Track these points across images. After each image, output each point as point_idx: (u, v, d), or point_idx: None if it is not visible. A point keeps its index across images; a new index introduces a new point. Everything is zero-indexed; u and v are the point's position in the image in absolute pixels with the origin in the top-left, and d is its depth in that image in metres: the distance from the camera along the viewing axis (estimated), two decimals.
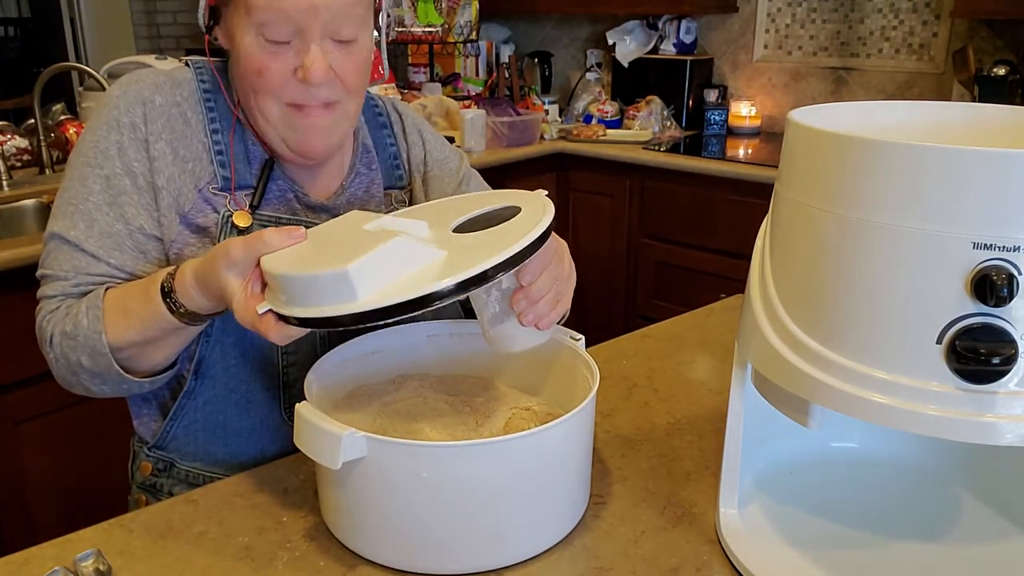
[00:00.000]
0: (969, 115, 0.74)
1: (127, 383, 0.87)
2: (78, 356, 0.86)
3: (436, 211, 0.82)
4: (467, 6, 3.09)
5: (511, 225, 0.75)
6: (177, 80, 0.94)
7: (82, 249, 0.89)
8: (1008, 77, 2.36)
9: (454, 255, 0.71)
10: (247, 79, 0.88)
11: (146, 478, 1.01)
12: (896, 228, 0.57)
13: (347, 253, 0.69)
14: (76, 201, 0.89)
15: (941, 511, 0.81)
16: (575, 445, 0.75)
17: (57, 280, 0.89)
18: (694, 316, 1.32)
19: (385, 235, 0.72)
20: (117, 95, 0.92)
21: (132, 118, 0.90)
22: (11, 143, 2.25)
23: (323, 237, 0.77)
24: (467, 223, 0.78)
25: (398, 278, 0.69)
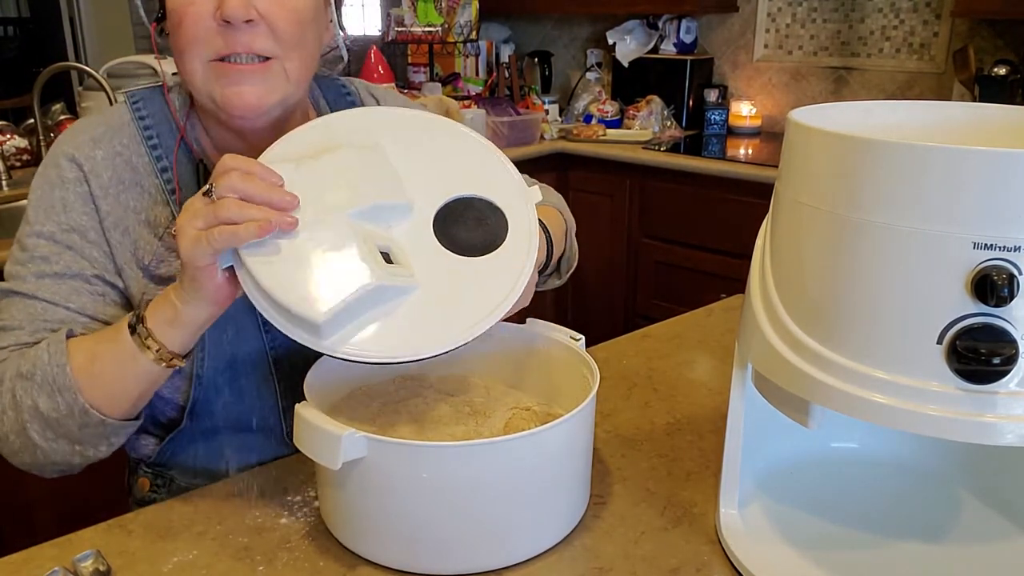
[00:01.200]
0: (969, 115, 0.74)
1: (89, 426, 0.79)
2: (33, 399, 0.78)
3: (425, 158, 0.79)
4: (467, 6, 3.09)
5: (493, 267, 0.75)
6: (115, 126, 0.90)
7: (35, 297, 0.84)
8: (1009, 77, 2.36)
9: (426, 306, 0.72)
10: (175, 43, 0.82)
11: (145, 494, 1.00)
12: (896, 228, 0.57)
13: (324, 277, 0.70)
14: (25, 259, 0.85)
15: (941, 511, 0.81)
16: (575, 445, 0.75)
17: (10, 331, 0.83)
18: (694, 316, 1.32)
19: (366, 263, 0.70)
20: (58, 152, 0.88)
21: (75, 173, 0.87)
22: (11, 143, 2.25)
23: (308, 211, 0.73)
24: (451, 209, 0.77)
25: (365, 327, 0.71)
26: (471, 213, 0.77)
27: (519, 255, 0.76)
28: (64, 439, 0.80)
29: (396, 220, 0.75)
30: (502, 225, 0.77)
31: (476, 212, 0.77)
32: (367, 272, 0.70)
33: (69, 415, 0.78)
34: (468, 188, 0.78)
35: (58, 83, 2.91)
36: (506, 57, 3.45)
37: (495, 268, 0.75)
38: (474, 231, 0.76)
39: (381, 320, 0.71)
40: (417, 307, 0.72)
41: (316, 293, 0.69)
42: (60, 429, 0.79)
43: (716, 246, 2.57)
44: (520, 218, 0.78)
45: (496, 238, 0.76)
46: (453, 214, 0.76)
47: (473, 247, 0.75)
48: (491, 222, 0.77)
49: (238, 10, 0.78)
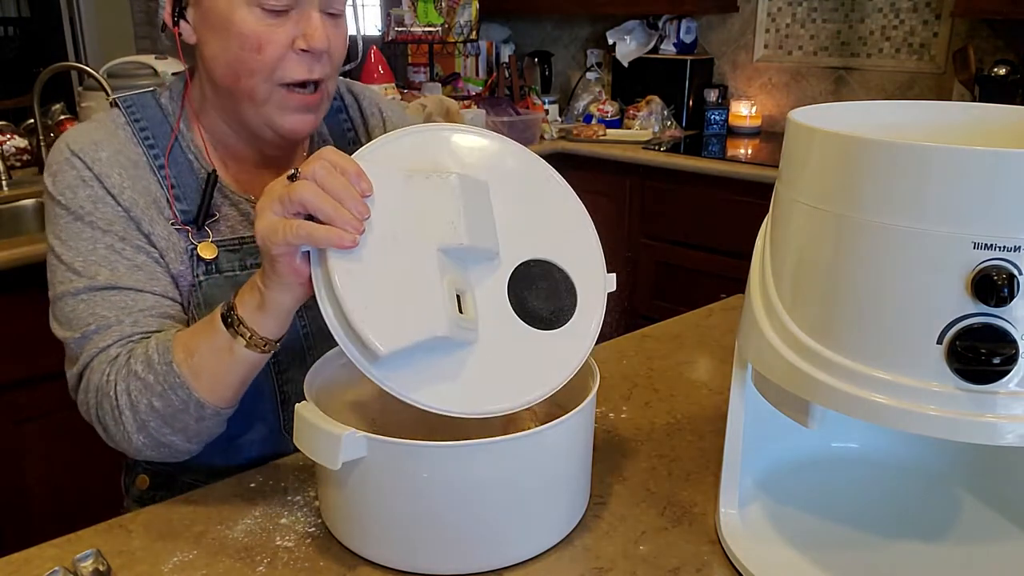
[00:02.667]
0: (969, 115, 0.74)
1: (205, 419, 0.81)
2: (148, 399, 0.79)
3: (520, 207, 0.78)
4: (467, 6, 3.09)
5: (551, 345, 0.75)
6: (109, 129, 0.91)
7: (119, 287, 0.84)
8: (1009, 77, 2.36)
9: (476, 365, 0.71)
10: (240, 61, 0.85)
11: (143, 492, 1.00)
12: (896, 228, 0.57)
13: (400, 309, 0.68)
14: (83, 255, 0.85)
15: (941, 511, 0.81)
16: (575, 445, 0.75)
17: (110, 327, 0.83)
18: (694, 316, 1.32)
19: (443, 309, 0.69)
20: (67, 156, 0.88)
21: (88, 173, 0.87)
22: (11, 143, 2.25)
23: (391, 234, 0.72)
24: (529, 269, 0.76)
25: (415, 367, 0.70)
26: (546, 282, 0.76)
27: (578, 341, 0.75)
28: (180, 434, 0.82)
29: (479, 266, 0.74)
30: (571, 303, 0.77)
31: (551, 282, 0.77)
32: (442, 320, 0.68)
33: (184, 410, 0.79)
34: (553, 254, 0.77)
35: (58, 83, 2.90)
36: (506, 57, 3.45)
37: (552, 347, 0.74)
38: (544, 301, 0.76)
39: (432, 365, 0.70)
40: (468, 362, 0.71)
41: (387, 323, 0.68)
42: (177, 424, 0.81)
43: (716, 246, 2.57)
44: (591, 302, 0.77)
45: (561, 314, 0.76)
46: (529, 276, 0.76)
47: (538, 318, 0.75)
48: (563, 297, 0.76)
49: (323, 43, 0.84)
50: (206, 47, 0.87)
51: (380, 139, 0.75)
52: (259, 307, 0.75)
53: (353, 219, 0.68)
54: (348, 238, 0.67)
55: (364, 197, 0.69)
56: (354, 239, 0.68)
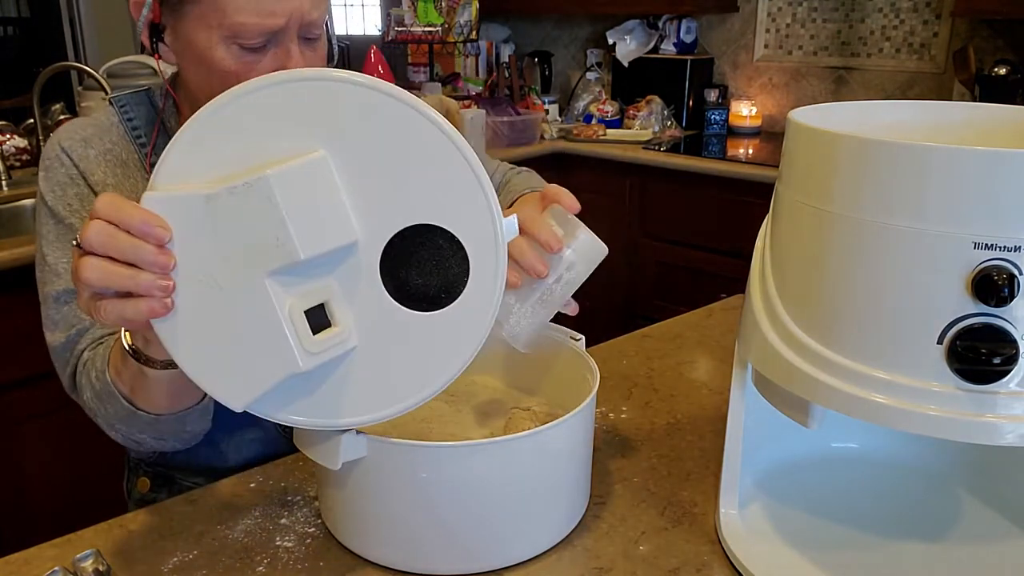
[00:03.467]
0: (970, 115, 0.74)
1: (152, 423, 0.79)
2: (103, 404, 0.80)
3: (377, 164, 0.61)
4: (467, 6, 3.09)
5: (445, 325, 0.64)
6: (103, 126, 0.92)
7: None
8: (1009, 77, 2.36)
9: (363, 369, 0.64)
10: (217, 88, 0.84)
11: (144, 494, 1.00)
12: (896, 228, 0.57)
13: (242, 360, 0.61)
14: (65, 258, 0.86)
15: (941, 511, 0.81)
16: (575, 445, 0.75)
17: (86, 331, 0.85)
18: (694, 316, 1.32)
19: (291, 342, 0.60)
20: (57, 152, 0.89)
21: (75, 171, 0.89)
22: (10, 143, 2.25)
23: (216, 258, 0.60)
24: (405, 241, 0.62)
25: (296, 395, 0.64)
26: (427, 250, 0.63)
27: (478, 312, 0.64)
28: (146, 433, 0.81)
29: (336, 261, 0.62)
30: (463, 268, 0.63)
31: (433, 248, 0.63)
32: (292, 355, 0.60)
33: (132, 415, 0.78)
34: (430, 214, 0.62)
35: (58, 83, 2.91)
36: (506, 57, 3.45)
37: (446, 325, 0.64)
38: (429, 275, 0.63)
39: (312, 385, 0.64)
40: (354, 367, 0.64)
41: (234, 378, 0.62)
42: (135, 426, 0.80)
43: (716, 246, 2.57)
44: (487, 261, 0.63)
45: (452, 286, 0.63)
46: (406, 248, 0.62)
47: (424, 298, 0.63)
48: (451, 264, 0.63)
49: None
50: (186, 72, 0.88)
51: (179, 139, 0.61)
52: (145, 341, 0.70)
53: (156, 282, 0.59)
54: (158, 306, 0.59)
55: (163, 244, 0.59)
56: (165, 304, 0.60)
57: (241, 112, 0.60)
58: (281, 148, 0.60)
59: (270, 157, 0.59)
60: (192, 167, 0.60)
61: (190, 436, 0.85)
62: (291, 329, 0.61)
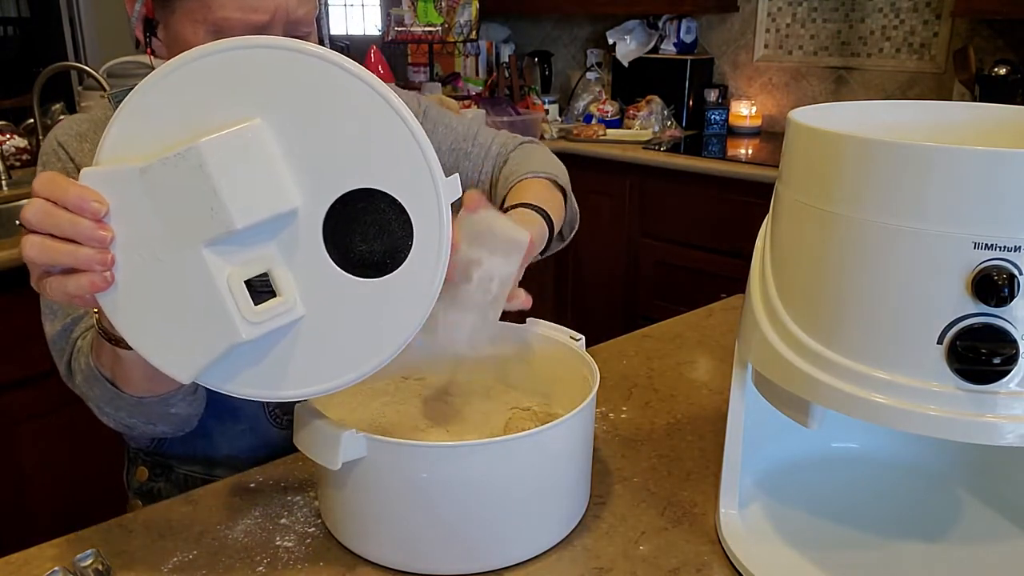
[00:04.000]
0: (970, 115, 0.74)
1: (137, 405, 0.80)
2: (92, 388, 0.81)
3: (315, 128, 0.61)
4: (467, 5, 3.09)
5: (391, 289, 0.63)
6: (100, 121, 0.92)
7: None
8: (1009, 77, 2.36)
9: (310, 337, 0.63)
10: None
11: (143, 483, 1.01)
12: (896, 228, 0.57)
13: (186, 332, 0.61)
14: None
15: (941, 511, 0.81)
16: (575, 445, 0.75)
17: (80, 320, 0.85)
18: (694, 316, 1.32)
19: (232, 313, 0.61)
20: (55, 147, 0.90)
21: (75, 165, 0.89)
22: (10, 143, 2.25)
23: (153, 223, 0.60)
24: (346, 207, 0.61)
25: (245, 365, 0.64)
26: (369, 214, 0.62)
27: (422, 276, 0.63)
28: (136, 417, 0.82)
29: (277, 230, 0.62)
30: (406, 232, 0.62)
31: (375, 213, 0.62)
32: (235, 326, 0.61)
33: (116, 397, 0.79)
34: (367, 176, 0.61)
35: (58, 83, 2.91)
36: (506, 57, 3.45)
37: (395, 291, 0.63)
38: (372, 240, 0.62)
39: (261, 356, 0.64)
40: (302, 341, 0.64)
41: (178, 352, 0.62)
42: (122, 410, 0.81)
43: (716, 246, 2.57)
44: (429, 222, 0.62)
45: (397, 251, 0.62)
46: (348, 214, 0.62)
47: (370, 264, 0.63)
48: (394, 228, 0.62)
49: None
50: None
51: (120, 113, 0.61)
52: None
53: (95, 255, 0.60)
54: (99, 279, 0.60)
55: (100, 219, 0.59)
56: (104, 278, 0.60)
57: (179, 84, 0.60)
58: (220, 118, 0.59)
59: (208, 127, 0.59)
60: (134, 141, 0.61)
61: (179, 420, 0.85)
62: (230, 299, 0.61)
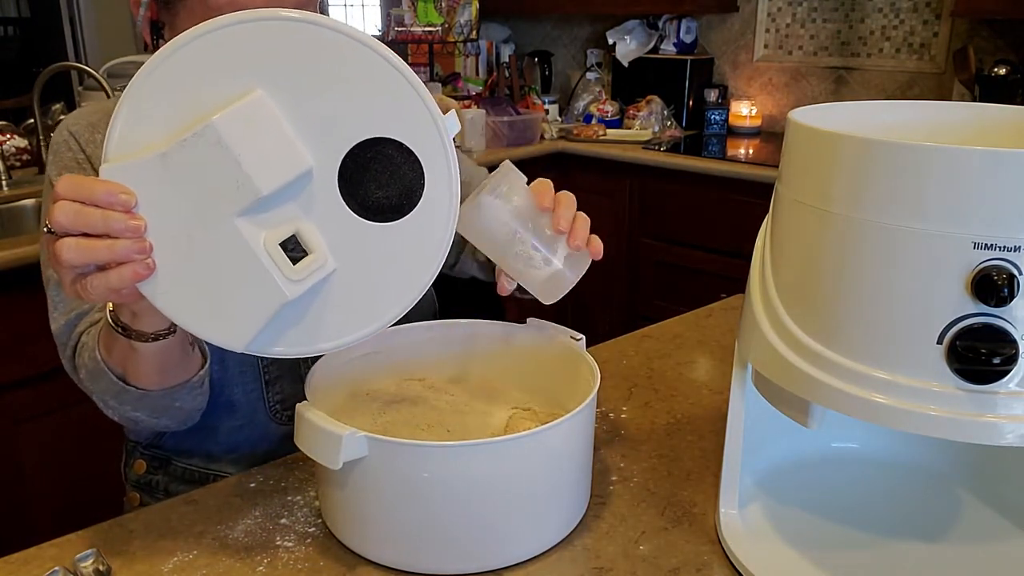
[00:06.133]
0: (970, 115, 0.74)
1: (142, 398, 0.81)
2: (96, 382, 0.81)
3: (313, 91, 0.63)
4: (467, 5, 3.09)
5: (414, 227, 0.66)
6: (110, 111, 0.91)
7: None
8: (1009, 77, 2.36)
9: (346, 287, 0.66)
10: None
11: (140, 476, 1.01)
12: (896, 228, 0.57)
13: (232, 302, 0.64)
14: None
15: (941, 511, 0.81)
16: (575, 445, 0.75)
17: (84, 315, 0.86)
18: (694, 316, 1.32)
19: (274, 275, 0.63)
20: (65, 137, 0.91)
21: (85, 155, 0.90)
22: (10, 143, 2.25)
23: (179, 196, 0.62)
24: (356, 160, 0.65)
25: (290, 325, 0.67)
26: (380, 162, 0.65)
27: (441, 207, 0.67)
28: (141, 411, 0.82)
29: (297, 191, 0.64)
30: (417, 172, 0.66)
31: (385, 160, 0.65)
32: (279, 287, 0.64)
33: (122, 391, 0.80)
34: (371, 127, 0.64)
35: (58, 83, 2.90)
36: (506, 57, 3.45)
37: (416, 230, 0.67)
38: (386, 186, 0.65)
39: (304, 314, 0.67)
40: (336, 289, 0.67)
41: (228, 323, 0.65)
42: (127, 403, 0.81)
43: (716, 246, 2.57)
44: (436, 159, 0.66)
45: (411, 191, 0.66)
46: (359, 165, 0.65)
47: (388, 208, 0.66)
48: (405, 171, 0.65)
49: None
50: None
51: (121, 108, 0.62)
52: (132, 316, 0.72)
53: (133, 246, 0.61)
54: (141, 268, 0.61)
55: (130, 209, 0.61)
56: (147, 265, 0.62)
57: (171, 71, 0.62)
58: (218, 95, 0.62)
59: (210, 106, 0.61)
60: (139, 132, 0.62)
61: (183, 414, 0.86)
62: (270, 262, 0.64)
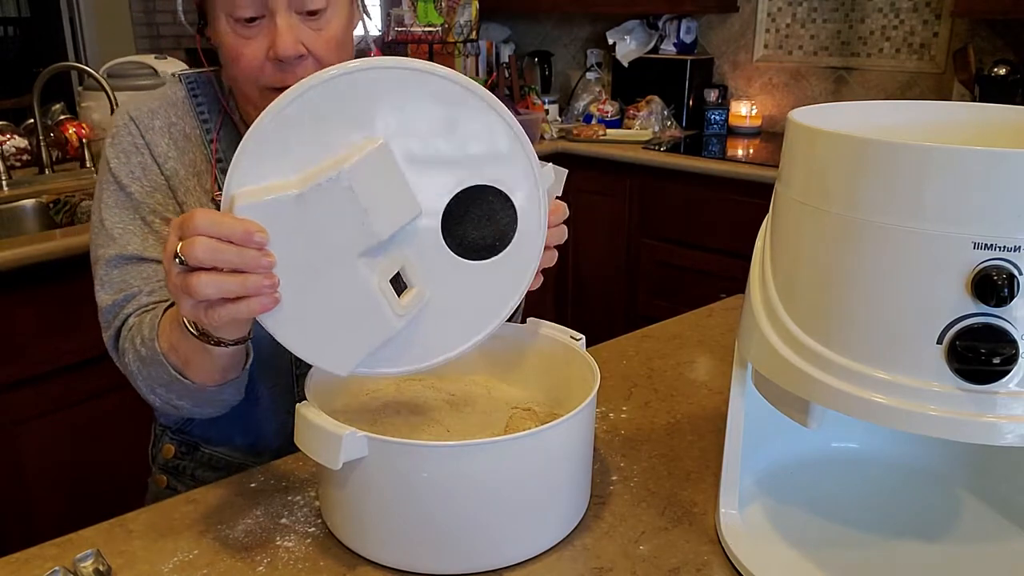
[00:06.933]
0: (970, 115, 0.74)
1: (193, 392, 0.82)
2: (148, 369, 0.83)
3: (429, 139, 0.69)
4: (467, 6, 3.09)
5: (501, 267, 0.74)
6: (171, 100, 0.97)
7: (145, 259, 0.90)
8: (1009, 77, 2.36)
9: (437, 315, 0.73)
10: (227, 70, 0.90)
11: (168, 460, 1.04)
12: (896, 228, 0.57)
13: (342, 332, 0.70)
14: (123, 223, 0.92)
15: (941, 511, 0.81)
16: (575, 445, 0.75)
17: (134, 297, 0.89)
18: (694, 316, 1.32)
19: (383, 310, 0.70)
20: (126, 121, 0.95)
21: (141, 140, 0.94)
22: (10, 143, 2.25)
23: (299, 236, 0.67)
24: (459, 201, 0.71)
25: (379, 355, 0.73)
26: (479, 206, 0.72)
27: (528, 247, 0.74)
28: (186, 400, 0.84)
29: (406, 232, 0.71)
30: (511, 217, 0.73)
31: (484, 205, 0.72)
32: (387, 321, 0.71)
33: (175, 381, 0.82)
34: (475, 174, 0.71)
35: (58, 83, 2.91)
36: (506, 57, 3.45)
37: (504, 267, 0.74)
38: (483, 228, 0.73)
39: (397, 339, 0.73)
40: (428, 316, 0.73)
41: (337, 351, 0.71)
42: (175, 393, 0.84)
43: (716, 246, 2.57)
44: (530, 207, 0.74)
45: (504, 234, 0.74)
46: (460, 208, 0.72)
47: (482, 248, 0.73)
48: (500, 215, 0.73)
49: (289, 50, 0.85)
50: (220, 54, 0.93)
51: (247, 144, 0.66)
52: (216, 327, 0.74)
53: (264, 281, 0.65)
54: (268, 301, 0.66)
55: (263, 247, 0.65)
56: (274, 299, 0.66)
57: (300, 110, 0.66)
58: (345, 138, 0.67)
59: (337, 147, 0.67)
60: (265, 167, 0.66)
61: (224, 404, 0.88)
62: (382, 299, 0.70)
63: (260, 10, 0.84)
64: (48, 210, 2.07)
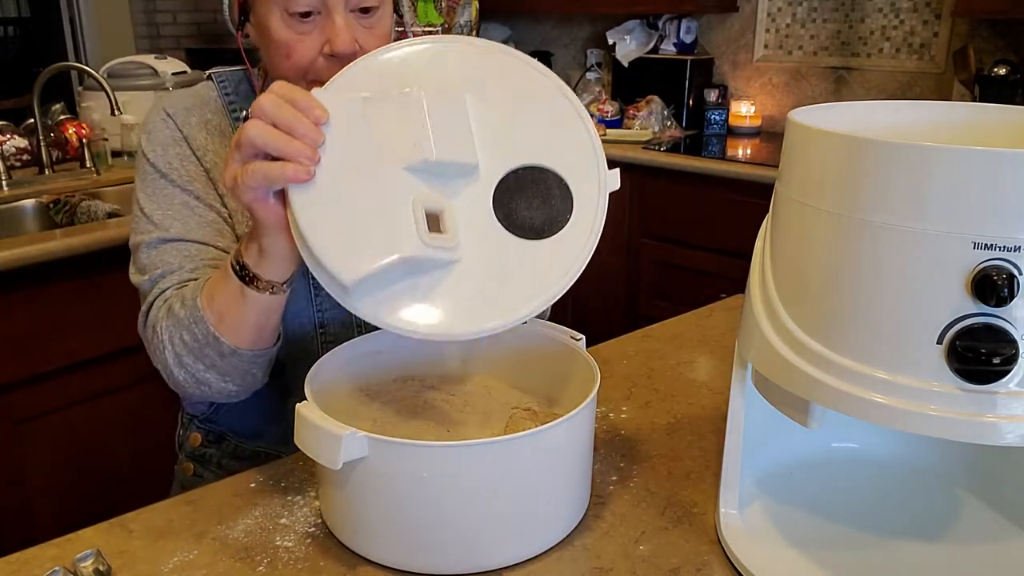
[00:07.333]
0: (970, 115, 0.74)
1: (225, 355, 0.83)
2: (180, 333, 0.84)
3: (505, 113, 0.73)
4: (467, 6, 3.09)
5: (544, 254, 0.72)
6: (204, 98, 0.99)
7: (186, 240, 0.91)
8: (1009, 77, 2.36)
9: (465, 284, 0.70)
10: (277, 65, 0.89)
11: (195, 448, 1.04)
12: (896, 228, 0.57)
13: (364, 236, 0.68)
14: (162, 208, 0.92)
15: (941, 511, 0.81)
16: (575, 445, 0.75)
17: (171, 273, 0.90)
18: (694, 316, 1.32)
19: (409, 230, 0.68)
20: (163, 117, 0.96)
21: (179, 134, 0.95)
22: (10, 143, 2.25)
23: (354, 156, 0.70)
24: (517, 178, 0.72)
25: (398, 295, 0.70)
26: (537, 188, 0.72)
27: (576, 247, 0.73)
28: (213, 370, 0.85)
29: (457, 180, 0.71)
30: (566, 208, 0.73)
31: (543, 187, 0.72)
32: (407, 241, 0.68)
33: (208, 344, 0.83)
34: (542, 157, 0.73)
35: (58, 83, 2.91)
36: None
37: (548, 256, 0.72)
38: (536, 210, 0.72)
39: (416, 291, 0.70)
40: (456, 283, 0.71)
41: (350, 253, 0.68)
42: (206, 359, 0.84)
43: (716, 246, 2.57)
44: (587, 204, 0.73)
45: (556, 222, 0.73)
46: (518, 184, 0.72)
47: (530, 228, 0.72)
48: (556, 202, 0.73)
49: (347, 47, 0.86)
50: (262, 51, 0.94)
51: (347, 67, 0.73)
52: (259, 253, 0.77)
53: (305, 149, 0.67)
54: (302, 170, 0.67)
55: (318, 125, 0.68)
56: (308, 170, 0.68)
57: (401, 57, 0.73)
58: (432, 85, 0.71)
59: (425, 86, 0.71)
60: (350, 81, 0.72)
61: (252, 382, 0.89)
62: (411, 217, 0.69)
63: (316, 6, 0.85)
64: (48, 210, 2.07)
